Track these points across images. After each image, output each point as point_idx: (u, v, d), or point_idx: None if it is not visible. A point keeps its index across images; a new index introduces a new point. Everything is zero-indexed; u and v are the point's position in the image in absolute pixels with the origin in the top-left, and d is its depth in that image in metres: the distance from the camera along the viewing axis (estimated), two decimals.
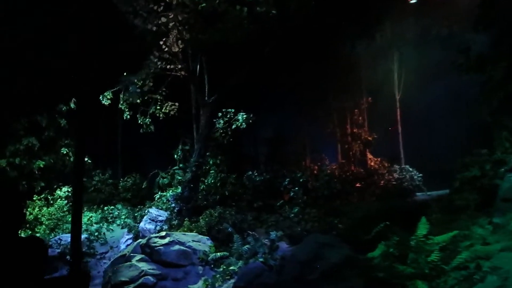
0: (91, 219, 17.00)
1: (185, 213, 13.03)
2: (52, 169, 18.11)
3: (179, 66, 13.51)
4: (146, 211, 14.80)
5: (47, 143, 18.16)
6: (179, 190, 14.81)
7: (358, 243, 8.04)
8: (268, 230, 12.49)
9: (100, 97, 14.97)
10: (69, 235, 15.37)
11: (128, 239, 14.29)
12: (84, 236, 14.87)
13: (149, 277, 9.07)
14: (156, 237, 10.32)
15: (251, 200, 13.87)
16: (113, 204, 18.31)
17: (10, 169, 16.57)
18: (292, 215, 13.15)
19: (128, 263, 9.50)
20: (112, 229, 16.34)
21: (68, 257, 13.41)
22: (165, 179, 16.61)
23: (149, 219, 14.08)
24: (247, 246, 10.38)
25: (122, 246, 14.12)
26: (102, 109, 20.57)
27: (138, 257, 9.91)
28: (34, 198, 16.54)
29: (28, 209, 16.11)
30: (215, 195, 14.45)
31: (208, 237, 11.01)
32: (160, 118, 15.25)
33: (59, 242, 14.10)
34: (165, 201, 15.45)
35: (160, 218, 13.97)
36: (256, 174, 14.86)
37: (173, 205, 13.54)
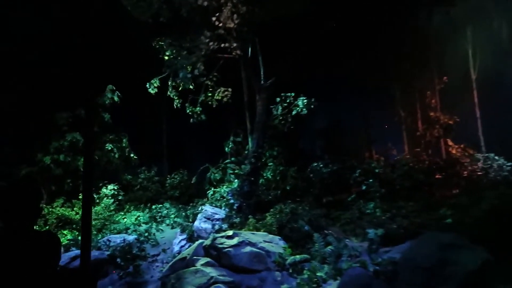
0: (138, 218, 15.81)
1: (246, 210, 11.48)
2: (97, 166, 17.16)
3: (234, 45, 11.97)
4: (199, 208, 13.37)
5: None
6: (235, 185, 13.30)
7: (494, 244, 6.12)
8: (344, 228, 10.73)
9: (147, 85, 13.70)
10: (118, 235, 14.27)
11: (181, 239, 12.90)
12: (133, 237, 13.67)
13: (220, 285, 7.51)
14: (221, 237, 8.79)
15: (318, 195, 12.12)
16: (160, 202, 17.11)
17: (54, 166, 15.71)
18: (369, 210, 11.33)
19: (192, 268, 8.00)
20: (161, 229, 15.07)
21: (119, 259, 12.21)
22: (216, 174, 15.17)
23: (204, 217, 12.62)
24: (329, 247, 8.65)
25: (176, 248, 12.74)
26: (146, 101, 19.58)
27: (203, 260, 8.40)
28: (79, 197, 15.55)
29: (74, 209, 15.13)
30: (276, 190, 12.80)
31: (279, 237, 9.36)
32: (213, 106, 13.79)
33: (107, 243, 12.91)
34: (218, 198, 13.97)
35: (216, 216, 12.49)
36: (321, 165, 13.11)
37: (231, 201, 12.02)
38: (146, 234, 14.14)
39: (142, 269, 12.32)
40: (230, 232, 8.76)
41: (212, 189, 14.30)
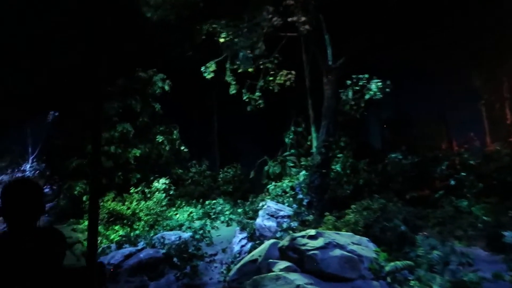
0: (191, 215, 14.76)
1: (318, 206, 10.03)
2: (148, 158, 16.33)
3: (303, 19, 10.51)
4: (260, 205, 12.06)
5: (141, 130, 16.43)
6: (301, 178, 11.87)
7: None
8: (438, 230, 9.02)
9: (202, 69, 12.56)
10: (172, 233, 13.25)
11: (241, 238, 11.65)
12: (188, 234, 12.60)
13: None
14: (301, 237, 7.38)
15: (399, 190, 10.44)
16: (212, 198, 16.01)
17: (104, 158, 14.98)
18: (463, 209, 9.56)
19: (272, 274, 6.65)
20: (216, 227, 13.93)
21: (175, 259, 11.17)
22: (275, 168, 13.80)
23: (267, 214, 11.30)
24: (435, 252, 7.03)
25: (236, 248, 11.51)
26: (196, 90, 18.57)
27: (282, 264, 7.03)
28: (131, 191, 14.74)
29: (126, 203, 14.30)
30: (347, 184, 11.24)
31: (367, 239, 7.83)
32: (275, 91, 12.42)
33: (162, 241, 11.90)
34: (280, 193, 12.60)
35: (281, 213, 11.13)
36: (400, 157, 11.40)
37: (299, 196, 10.60)
38: (201, 232, 13.04)
39: (200, 269, 11.21)
40: (312, 232, 7.33)
41: (273, 183, 12.94)
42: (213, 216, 14.59)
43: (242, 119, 17.05)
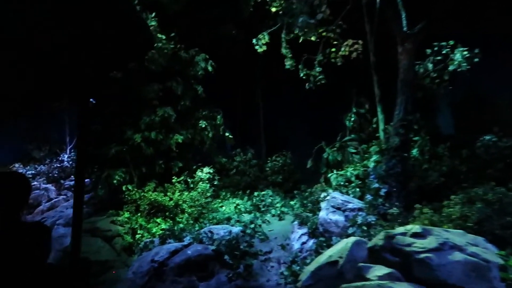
0: (238, 207, 13.35)
1: (401, 197, 8.29)
2: (190, 146, 15.03)
3: None
4: (322, 196, 10.42)
5: (183, 115, 15.15)
6: (372, 164, 10.12)
7: None
8: None
9: (254, 41, 11.02)
10: (220, 227, 11.88)
11: (301, 234, 10.09)
12: (238, 228, 11.17)
13: None
14: (401, 234, 5.70)
15: (500, 178, 8.49)
16: (260, 189, 14.54)
17: (145, 145, 13.80)
18: None
19: (371, 283, 5.02)
20: (268, 221, 12.44)
21: (227, 256, 9.74)
22: (336, 155, 12.09)
23: (333, 206, 9.66)
24: None
25: (296, 245, 9.97)
26: (240, 72, 17.08)
27: (379, 270, 5.39)
28: (173, 181, 13.48)
29: (168, 194, 13.06)
30: (428, 171, 9.40)
31: (483, 238, 6.03)
32: (338, 64, 10.70)
33: (210, 235, 10.53)
34: (343, 183, 10.90)
35: (350, 206, 9.46)
36: (495, 139, 9.41)
37: (374, 185, 8.87)
38: (253, 226, 11.58)
39: (255, 269, 9.75)
40: (417, 228, 5.62)
41: (335, 171, 11.24)
42: (263, 209, 13.11)
43: (291, 102, 15.48)
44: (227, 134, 14.91)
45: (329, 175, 11.29)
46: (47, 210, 16.28)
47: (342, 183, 10.87)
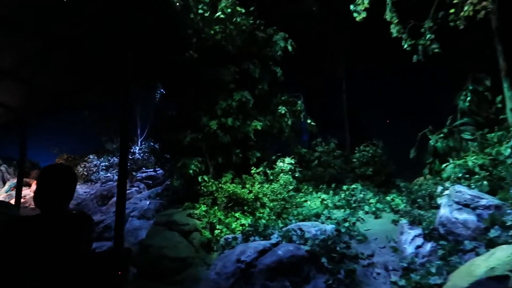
0: (324, 202, 11.78)
1: None
2: (268, 134, 13.73)
3: None
4: (438, 190, 8.51)
5: (260, 100, 13.88)
6: (508, 151, 8.02)
7: None
8: None
9: (352, 7, 9.35)
10: (310, 223, 10.37)
11: (415, 236, 8.26)
12: (330, 227, 9.61)
13: None
14: None
15: None
16: (347, 183, 12.84)
17: (221, 132, 12.72)
18: None
19: None
20: (362, 218, 10.73)
21: (324, 259, 8.23)
22: (448, 142, 10.04)
23: (457, 203, 7.74)
24: None
25: (409, 248, 8.18)
26: (319, 52, 15.45)
27: None
28: (252, 172, 12.25)
29: (247, 186, 11.85)
30: None
31: None
32: (460, 28, 8.68)
33: (300, 233, 9.09)
34: (460, 175, 8.87)
35: (482, 202, 7.49)
36: None
37: None
38: (347, 225, 9.95)
39: (358, 275, 8.15)
40: None
41: (451, 161, 9.22)
42: (354, 205, 11.42)
43: (381, 82, 13.52)
44: (309, 121, 13.38)
45: (444, 165, 9.29)
46: None
47: (460, 175, 8.84)
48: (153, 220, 12.00)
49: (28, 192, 17.39)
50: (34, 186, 11.94)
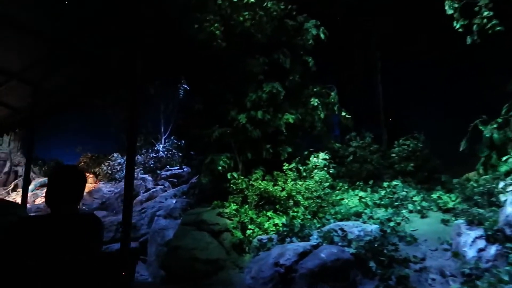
0: (363, 200, 10.91)
1: None
2: (300, 127, 12.94)
3: None
4: (500, 186, 7.54)
5: (292, 91, 13.12)
6: None
7: None
8: None
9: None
10: (351, 223, 9.52)
11: (475, 238, 7.32)
12: (374, 226, 8.75)
13: None
14: None
15: None
16: (386, 179, 11.92)
17: (250, 126, 12.01)
18: None
19: None
20: (406, 218, 9.81)
21: (372, 263, 7.40)
22: (505, 132, 9.02)
23: None
24: None
25: (470, 252, 7.25)
26: (351, 40, 14.56)
27: None
28: (284, 168, 11.50)
29: (279, 183, 11.10)
30: None
31: None
32: None
33: (342, 234, 8.29)
34: None
35: None
36: None
37: None
38: (392, 224, 9.07)
39: (411, 282, 7.28)
40: None
41: None
42: (396, 203, 10.51)
43: (422, 71, 12.52)
44: (343, 113, 12.52)
45: (505, 158, 8.29)
46: (146, 201, 15.45)
47: None
48: (180, 219, 11.41)
49: None
50: None
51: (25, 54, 5.77)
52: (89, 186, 19.43)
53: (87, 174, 20.43)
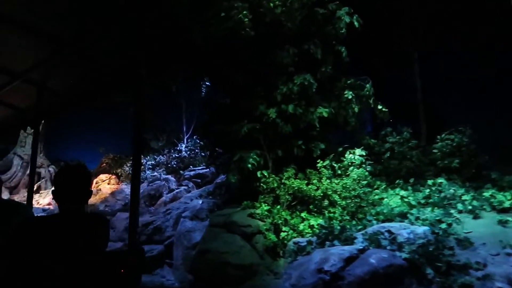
0: (405, 200, 10.01)
1: None
2: (332, 122, 12.14)
3: None
4: None
5: (324, 84, 12.34)
6: None
7: None
8: None
9: None
10: (398, 225, 8.63)
11: None
12: (423, 228, 7.86)
13: None
14: None
15: None
16: (427, 177, 10.99)
17: (281, 121, 11.28)
18: None
19: None
20: (458, 219, 8.88)
21: (429, 269, 6.55)
22: None
23: None
24: None
25: None
26: (386, 29, 13.66)
27: None
28: (318, 166, 10.72)
29: (313, 182, 10.32)
30: None
31: None
32: None
33: (390, 237, 7.46)
34: None
35: None
36: None
37: None
38: (444, 226, 8.17)
39: None
40: None
41: None
42: (444, 202, 9.58)
43: (465, 59, 11.53)
44: (379, 107, 11.66)
45: None
46: (170, 202, 14.92)
47: None
48: (207, 221, 10.77)
49: None
50: None
51: (29, 54, 5.58)
52: (111, 187, 19.07)
53: (110, 175, 20.10)
